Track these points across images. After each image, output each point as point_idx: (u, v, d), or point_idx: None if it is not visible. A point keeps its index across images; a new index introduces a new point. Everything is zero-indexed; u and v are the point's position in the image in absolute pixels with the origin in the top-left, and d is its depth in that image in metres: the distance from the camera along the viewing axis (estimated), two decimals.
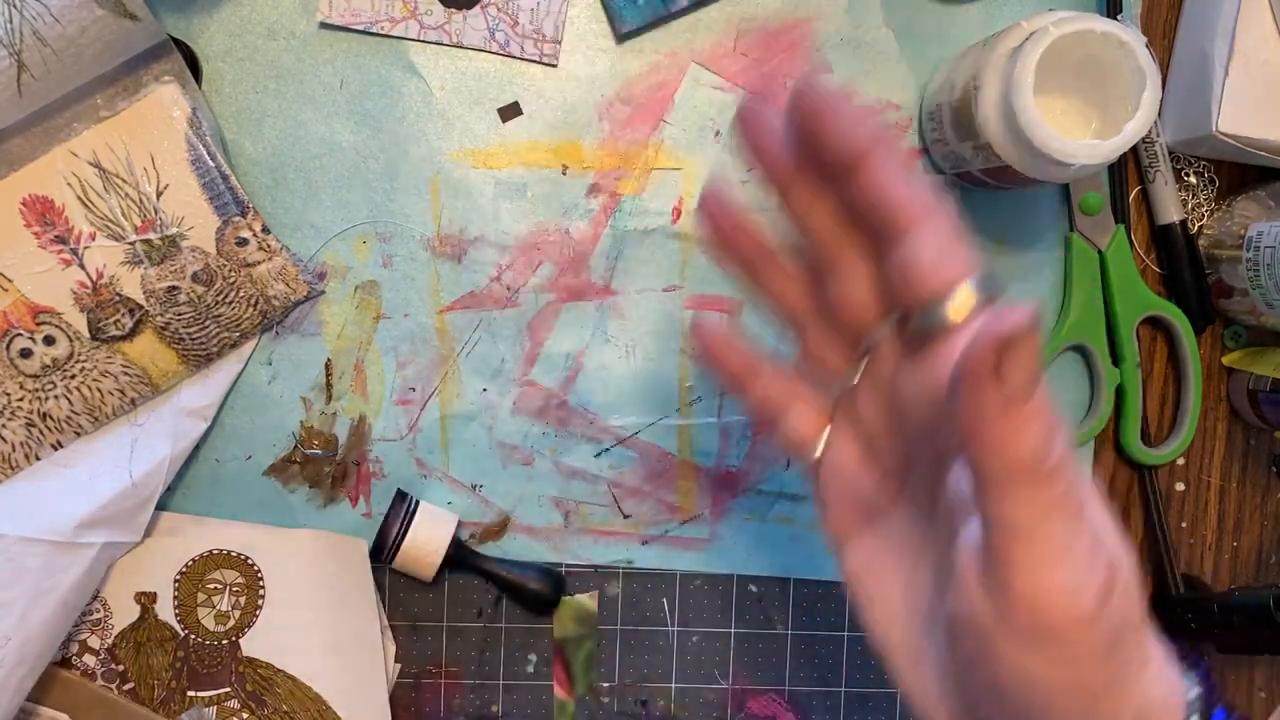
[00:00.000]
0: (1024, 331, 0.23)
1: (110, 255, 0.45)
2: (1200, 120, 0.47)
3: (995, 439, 0.24)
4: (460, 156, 0.48)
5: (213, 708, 0.47)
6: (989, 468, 0.25)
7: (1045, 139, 0.40)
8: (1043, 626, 0.25)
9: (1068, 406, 0.51)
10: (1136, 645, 0.26)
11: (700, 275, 0.49)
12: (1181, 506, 0.52)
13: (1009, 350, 0.23)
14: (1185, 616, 0.49)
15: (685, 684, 0.50)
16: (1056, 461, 0.24)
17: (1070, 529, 0.25)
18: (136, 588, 0.46)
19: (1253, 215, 0.48)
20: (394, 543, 0.46)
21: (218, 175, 0.45)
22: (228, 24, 0.46)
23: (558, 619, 0.50)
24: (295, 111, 0.47)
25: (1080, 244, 0.49)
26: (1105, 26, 0.40)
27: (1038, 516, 0.24)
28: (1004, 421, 0.24)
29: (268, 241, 0.46)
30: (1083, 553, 0.25)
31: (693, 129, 0.48)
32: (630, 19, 0.47)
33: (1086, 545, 0.25)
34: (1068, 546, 0.25)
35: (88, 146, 0.45)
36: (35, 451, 0.45)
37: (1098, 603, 0.25)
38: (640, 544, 0.50)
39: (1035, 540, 0.24)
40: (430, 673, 0.49)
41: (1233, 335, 0.51)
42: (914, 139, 0.49)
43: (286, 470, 0.48)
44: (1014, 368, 0.23)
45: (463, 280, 0.48)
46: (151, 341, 0.46)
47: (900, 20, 0.49)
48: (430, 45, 0.47)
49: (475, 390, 0.48)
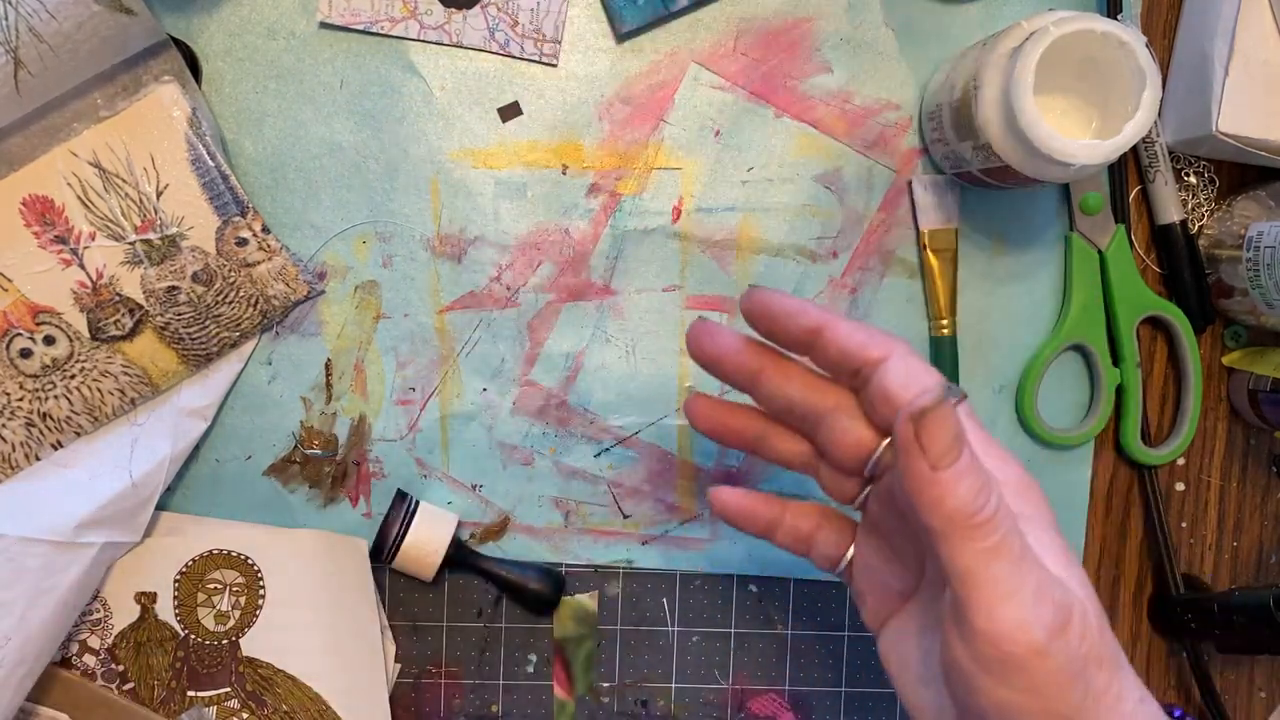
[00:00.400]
0: (931, 407, 0.29)
1: (110, 255, 0.45)
2: (1200, 120, 0.47)
3: (931, 498, 0.29)
4: (460, 156, 0.48)
5: (213, 708, 0.47)
6: (932, 523, 0.30)
7: (1045, 139, 0.40)
8: (1003, 658, 0.29)
9: (1068, 406, 0.51)
10: (1109, 680, 0.30)
11: (700, 275, 0.49)
12: (1181, 506, 0.52)
13: (922, 423, 0.29)
14: (1185, 616, 0.49)
15: (685, 684, 0.50)
16: (989, 514, 0.29)
17: (1014, 570, 0.29)
18: (136, 587, 0.46)
19: (1253, 215, 0.48)
20: (394, 543, 0.46)
21: (218, 175, 0.45)
22: (228, 24, 0.46)
23: (558, 619, 0.50)
24: (295, 111, 0.47)
25: (1080, 244, 0.49)
26: (1105, 26, 0.40)
27: (982, 562, 0.29)
28: (935, 483, 0.29)
29: (267, 241, 0.46)
30: (1030, 591, 0.29)
31: (693, 129, 0.48)
32: (630, 19, 0.47)
33: (1033, 584, 0.29)
34: (1015, 587, 0.29)
35: (88, 146, 0.45)
36: (35, 451, 0.45)
37: (1049, 634, 0.29)
38: (640, 544, 0.50)
39: (984, 583, 0.29)
40: (430, 673, 0.49)
41: (1233, 335, 0.51)
42: (914, 139, 0.49)
43: (286, 470, 0.48)
44: (930, 438, 0.29)
45: (463, 280, 0.48)
46: (151, 341, 0.46)
47: (900, 20, 0.49)
48: (430, 45, 0.47)
49: (475, 390, 0.48)
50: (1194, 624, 0.49)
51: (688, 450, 0.50)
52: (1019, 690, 0.29)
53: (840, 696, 0.51)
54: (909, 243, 0.49)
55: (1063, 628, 0.29)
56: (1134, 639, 0.52)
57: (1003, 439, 0.50)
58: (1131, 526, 0.52)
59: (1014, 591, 0.29)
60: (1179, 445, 0.51)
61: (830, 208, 0.49)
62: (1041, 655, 0.29)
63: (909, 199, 0.49)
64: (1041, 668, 0.29)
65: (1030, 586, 0.29)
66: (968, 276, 0.50)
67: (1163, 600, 0.51)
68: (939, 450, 0.29)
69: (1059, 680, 0.29)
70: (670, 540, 0.50)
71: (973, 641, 0.29)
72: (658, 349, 0.49)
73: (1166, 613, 0.51)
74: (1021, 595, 0.29)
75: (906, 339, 0.34)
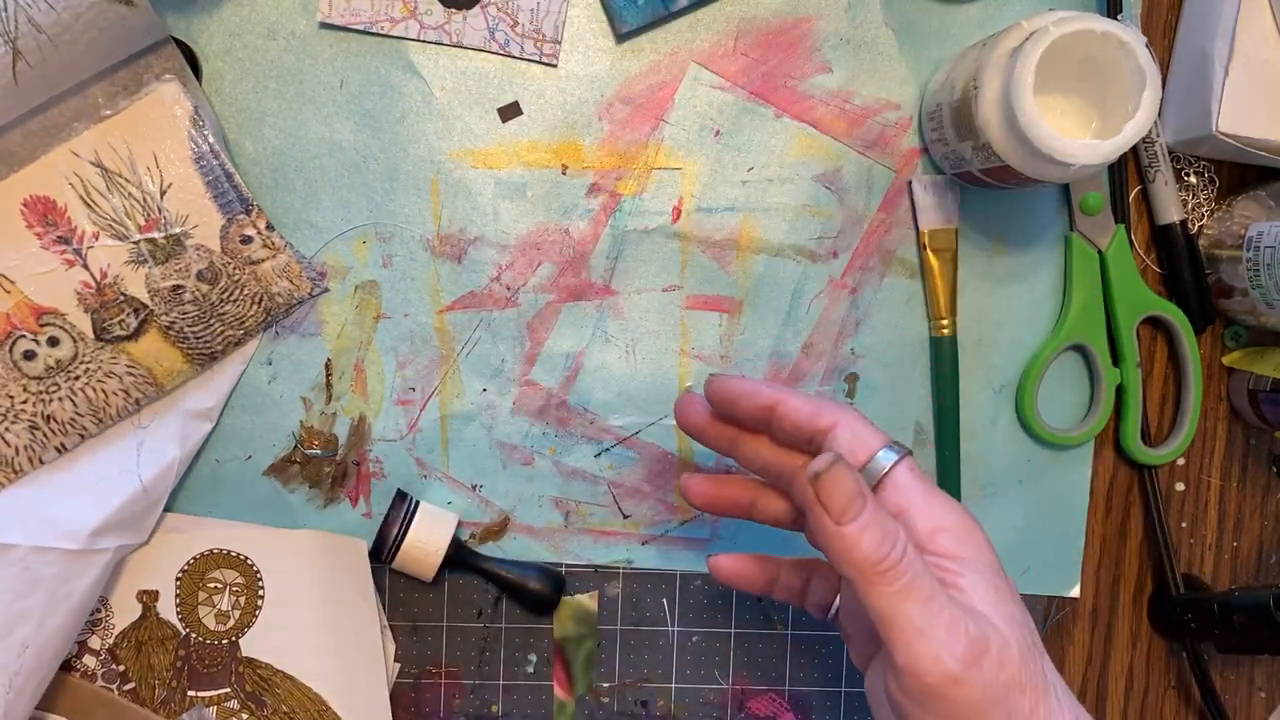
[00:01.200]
0: (824, 470, 0.32)
1: (114, 255, 0.45)
2: (1200, 120, 0.47)
3: (839, 550, 0.33)
4: (460, 156, 0.48)
5: (213, 708, 0.47)
6: (846, 572, 0.33)
7: (1045, 139, 0.40)
8: (923, 689, 0.32)
9: (1068, 406, 0.51)
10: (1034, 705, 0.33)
11: (700, 275, 0.49)
12: (1181, 506, 0.52)
13: (819, 485, 0.33)
14: (1185, 616, 0.49)
15: (685, 684, 0.50)
16: (894, 561, 0.32)
17: (924, 609, 0.32)
18: (138, 586, 0.46)
19: (1253, 215, 0.48)
20: (394, 543, 0.46)
21: (221, 173, 0.45)
22: (228, 24, 0.47)
23: (558, 619, 0.50)
24: (295, 111, 0.47)
25: (1080, 244, 0.49)
26: (1105, 26, 0.40)
27: (895, 604, 0.32)
28: (840, 536, 0.33)
29: (272, 239, 0.46)
30: (942, 627, 0.32)
31: (693, 129, 0.48)
32: (630, 19, 0.47)
33: (945, 620, 0.32)
34: (927, 624, 0.32)
35: (89, 146, 0.45)
36: (39, 455, 0.45)
37: (963, 665, 0.32)
38: (640, 544, 0.50)
39: (899, 623, 0.32)
40: (430, 673, 0.49)
41: (1233, 335, 0.51)
42: (914, 139, 0.49)
43: (286, 470, 0.48)
44: (828, 497, 0.32)
45: (463, 280, 0.48)
46: (156, 341, 0.46)
47: (900, 20, 0.49)
48: (430, 45, 0.47)
49: (475, 390, 0.49)
50: (1194, 624, 0.49)
51: (688, 450, 0.50)
52: (942, 718, 0.32)
53: (840, 696, 0.51)
54: (909, 243, 0.50)
55: (978, 658, 0.32)
56: (1134, 639, 0.52)
57: (1003, 439, 0.50)
58: (1131, 526, 0.52)
59: (926, 628, 0.32)
60: (1179, 445, 0.50)
61: (830, 208, 0.49)
62: (957, 684, 0.32)
63: (909, 199, 0.49)
64: (959, 696, 0.32)
65: (943, 622, 0.32)
66: (968, 276, 0.50)
67: (1163, 600, 0.51)
68: (839, 507, 0.32)
69: (979, 706, 0.32)
70: (670, 540, 0.50)
71: (899, 676, 0.33)
72: (658, 349, 0.49)
73: (1166, 613, 0.51)
74: (934, 631, 0.32)
75: (855, 407, 0.39)
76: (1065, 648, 0.52)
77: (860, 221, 0.49)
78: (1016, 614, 0.34)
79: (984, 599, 0.34)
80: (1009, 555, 0.50)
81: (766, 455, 0.40)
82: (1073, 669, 0.52)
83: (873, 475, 0.36)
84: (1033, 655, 0.34)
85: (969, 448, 0.50)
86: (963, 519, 0.36)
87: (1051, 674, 0.34)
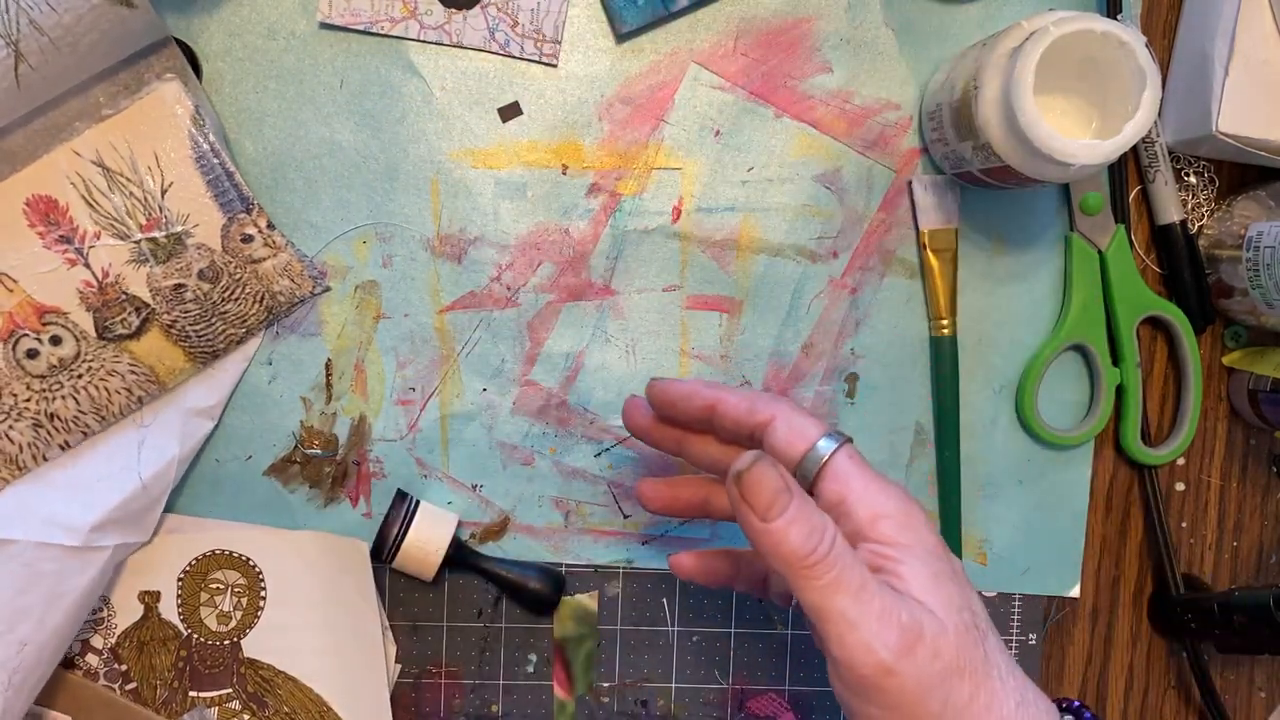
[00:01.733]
0: (746, 469, 0.33)
1: (116, 254, 0.45)
2: (1200, 120, 0.47)
3: (767, 546, 0.33)
4: (460, 156, 0.48)
5: (214, 709, 0.47)
6: (776, 567, 0.33)
7: (1045, 139, 0.40)
8: (859, 680, 0.32)
9: (1068, 406, 0.51)
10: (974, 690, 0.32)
11: (700, 275, 0.49)
12: (1181, 506, 0.52)
13: (742, 483, 0.33)
14: (1185, 616, 0.49)
15: (685, 684, 0.50)
16: (822, 555, 0.32)
17: (854, 601, 0.32)
18: (140, 587, 0.47)
19: (1253, 215, 0.48)
20: (394, 543, 0.46)
21: (222, 172, 0.46)
22: (228, 24, 0.47)
23: (558, 619, 0.50)
24: (295, 111, 0.47)
25: (1080, 244, 0.49)
26: (1105, 26, 0.40)
27: (825, 597, 0.32)
28: (767, 533, 0.33)
29: (273, 237, 0.46)
30: (872, 617, 0.32)
31: (692, 129, 0.48)
32: (630, 19, 0.47)
33: (876, 611, 0.32)
34: (858, 615, 0.32)
35: (90, 145, 0.45)
36: (43, 452, 0.45)
37: (895, 655, 0.32)
38: (640, 544, 0.50)
39: (830, 616, 0.32)
40: (430, 673, 0.49)
41: (1233, 335, 0.51)
42: (914, 139, 0.49)
43: (286, 470, 0.48)
44: (752, 495, 0.33)
45: (463, 280, 0.48)
46: (158, 340, 0.46)
47: (900, 20, 0.49)
48: (430, 45, 0.47)
49: (475, 390, 0.49)
50: (1194, 624, 0.49)
51: None
52: (881, 707, 0.32)
53: None
54: (909, 243, 0.50)
55: (911, 647, 0.32)
56: (1134, 639, 0.52)
57: (1003, 439, 0.50)
58: (1131, 526, 0.52)
59: (858, 619, 0.32)
60: (1179, 445, 0.50)
61: (830, 208, 0.49)
62: (890, 674, 0.32)
63: (909, 199, 0.49)
64: (893, 685, 0.32)
65: (874, 613, 0.32)
66: (968, 276, 0.50)
67: (1163, 600, 0.51)
68: (763, 504, 0.33)
69: (915, 695, 0.32)
70: (670, 540, 0.50)
71: (836, 668, 0.33)
72: (658, 349, 0.49)
73: (1166, 613, 0.51)
74: (865, 621, 0.32)
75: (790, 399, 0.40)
76: (1065, 648, 0.52)
77: (860, 221, 0.49)
78: (955, 597, 0.34)
79: (922, 585, 0.34)
80: (1009, 555, 0.50)
81: (714, 453, 0.41)
82: (1073, 669, 0.52)
83: (813, 464, 0.36)
84: (973, 638, 0.33)
85: (969, 448, 0.50)
86: (903, 504, 0.36)
87: (996, 654, 0.34)
